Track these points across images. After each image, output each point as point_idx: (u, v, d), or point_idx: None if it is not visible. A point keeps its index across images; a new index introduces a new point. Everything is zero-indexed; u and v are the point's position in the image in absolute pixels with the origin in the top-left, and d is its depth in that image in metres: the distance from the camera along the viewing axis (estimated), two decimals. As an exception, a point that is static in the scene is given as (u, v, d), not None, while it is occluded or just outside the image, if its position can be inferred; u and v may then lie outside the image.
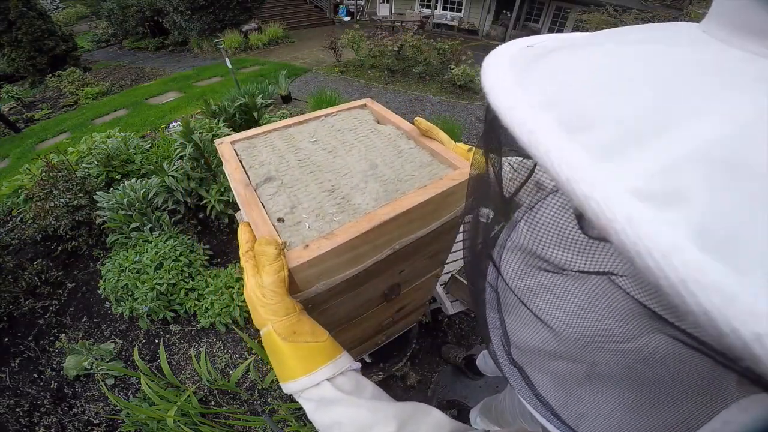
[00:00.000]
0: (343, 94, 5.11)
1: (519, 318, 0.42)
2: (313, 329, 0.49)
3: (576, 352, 0.35)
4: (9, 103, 7.14)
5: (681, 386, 0.29)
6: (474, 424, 1.40)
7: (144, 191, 2.28)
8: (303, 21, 11.52)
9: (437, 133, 0.70)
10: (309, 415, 0.46)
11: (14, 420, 1.75)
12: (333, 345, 0.50)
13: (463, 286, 1.49)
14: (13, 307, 2.20)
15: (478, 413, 1.39)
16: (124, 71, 8.55)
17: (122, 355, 2.01)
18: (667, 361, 0.28)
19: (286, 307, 0.47)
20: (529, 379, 0.38)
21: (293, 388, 0.46)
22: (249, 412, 1.73)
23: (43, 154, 2.76)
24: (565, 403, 0.35)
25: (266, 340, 0.47)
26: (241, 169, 0.67)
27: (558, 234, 0.32)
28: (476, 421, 1.40)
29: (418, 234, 0.66)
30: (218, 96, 5.25)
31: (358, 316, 0.86)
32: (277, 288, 0.46)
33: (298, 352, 0.46)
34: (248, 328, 2.10)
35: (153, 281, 1.99)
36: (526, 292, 0.40)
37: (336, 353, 0.49)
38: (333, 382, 0.46)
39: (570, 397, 0.35)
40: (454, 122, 4.14)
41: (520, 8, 10.71)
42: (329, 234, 0.53)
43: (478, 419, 1.38)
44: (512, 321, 0.43)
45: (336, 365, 0.47)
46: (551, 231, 0.32)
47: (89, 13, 14.16)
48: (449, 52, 6.66)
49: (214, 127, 2.97)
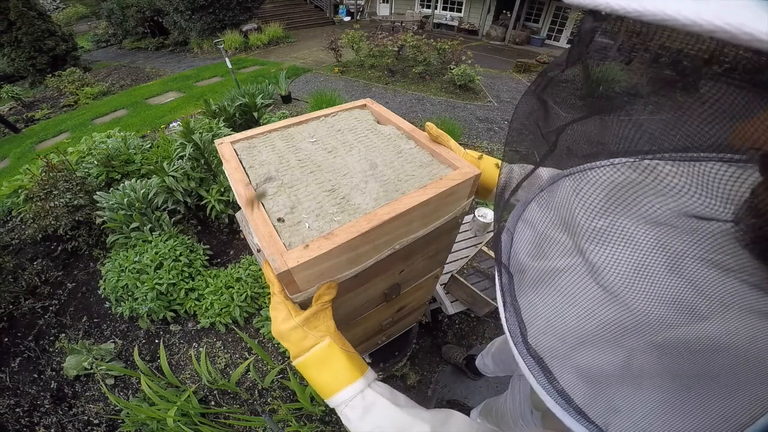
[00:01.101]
0: (343, 94, 5.12)
1: (550, 292, 0.38)
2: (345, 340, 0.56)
3: (617, 335, 0.32)
4: (9, 103, 7.14)
5: (740, 376, 0.27)
6: None
7: (144, 191, 2.28)
8: (303, 21, 11.53)
9: (447, 140, 0.70)
10: (352, 424, 0.49)
11: (14, 420, 1.75)
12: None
13: (463, 286, 1.49)
14: (13, 307, 2.20)
15: (478, 414, 1.39)
16: (124, 71, 8.56)
17: (122, 355, 2.01)
18: (731, 349, 0.27)
19: (331, 321, 0.54)
20: (550, 372, 0.35)
21: (346, 395, 0.50)
22: (249, 412, 1.73)
23: (43, 154, 2.76)
24: (594, 398, 0.32)
25: (322, 354, 0.51)
26: (241, 169, 0.67)
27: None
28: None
29: (418, 234, 0.66)
30: (218, 96, 5.26)
31: (358, 316, 0.86)
32: (324, 309, 0.53)
33: (352, 359, 0.52)
34: (248, 328, 2.10)
35: (153, 281, 1.99)
36: (594, 235, 0.35)
37: (364, 363, 0.55)
38: (373, 389, 0.51)
39: (600, 392, 0.32)
40: (454, 122, 4.14)
41: (520, 8, 10.71)
42: (329, 234, 0.53)
43: (479, 420, 1.38)
44: (539, 298, 0.39)
45: (371, 373, 0.53)
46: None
47: (89, 13, 14.18)
48: (449, 52, 6.66)
49: (214, 127, 2.98)
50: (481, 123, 4.89)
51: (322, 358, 0.51)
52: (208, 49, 9.08)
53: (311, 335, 0.51)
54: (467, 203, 0.72)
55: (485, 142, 4.36)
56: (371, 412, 0.49)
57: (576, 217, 0.36)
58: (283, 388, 1.82)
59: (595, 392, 0.33)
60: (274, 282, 0.52)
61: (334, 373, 0.51)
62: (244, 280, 2.13)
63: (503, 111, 5.39)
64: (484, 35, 11.93)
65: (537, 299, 0.40)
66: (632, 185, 0.33)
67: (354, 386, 0.50)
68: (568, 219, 0.39)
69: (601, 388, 0.32)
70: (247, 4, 9.46)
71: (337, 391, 0.50)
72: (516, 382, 1.01)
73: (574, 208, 0.36)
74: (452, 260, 1.75)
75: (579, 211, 0.35)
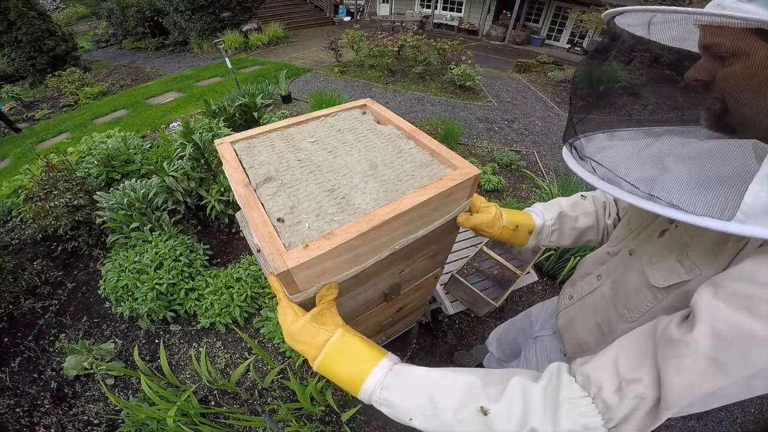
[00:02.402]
0: (343, 94, 5.12)
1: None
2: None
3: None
4: (9, 103, 7.14)
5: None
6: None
7: (144, 191, 2.28)
8: (303, 21, 11.53)
9: (487, 205, 0.77)
10: (395, 404, 0.47)
11: (14, 420, 1.75)
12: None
13: (463, 286, 1.49)
14: (13, 307, 2.20)
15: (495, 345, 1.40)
16: (124, 71, 8.56)
17: (122, 355, 2.01)
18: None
19: (338, 317, 0.55)
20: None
21: (376, 377, 0.48)
22: (249, 412, 1.73)
23: (43, 154, 2.76)
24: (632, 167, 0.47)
25: (339, 344, 0.51)
26: (241, 169, 0.67)
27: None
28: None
29: (418, 234, 0.66)
30: (218, 96, 5.25)
31: (358, 316, 0.86)
32: (329, 306, 0.55)
33: (370, 344, 0.53)
34: (248, 328, 2.10)
35: (153, 281, 1.99)
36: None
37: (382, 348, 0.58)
38: (401, 364, 0.52)
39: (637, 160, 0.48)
40: (454, 122, 4.14)
41: (520, 8, 10.71)
42: (329, 234, 0.53)
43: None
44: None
45: (393, 355, 0.54)
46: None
47: (89, 13, 14.17)
48: (449, 52, 6.65)
49: (214, 127, 2.98)
50: (481, 123, 4.89)
51: (339, 349, 0.50)
52: (208, 49, 9.08)
53: (322, 330, 0.51)
54: (467, 203, 0.72)
55: (485, 141, 4.36)
56: (410, 384, 0.47)
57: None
58: (283, 388, 1.82)
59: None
60: (278, 290, 0.52)
61: (355, 360, 0.50)
62: (244, 280, 2.13)
63: (503, 111, 5.39)
64: (484, 35, 11.93)
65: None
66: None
67: (381, 365, 0.49)
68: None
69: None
70: (247, 4, 9.46)
71: (365, 376, 0.48)
72: (532, 345, 1.04)
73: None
74: (452, 260, 1.75)
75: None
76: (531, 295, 2.36)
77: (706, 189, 0.39)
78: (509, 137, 4.56)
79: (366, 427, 1.70)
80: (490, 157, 3.96)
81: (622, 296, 0.63)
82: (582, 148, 0.55)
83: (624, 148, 0.52)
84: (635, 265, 0.62)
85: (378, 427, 1.70)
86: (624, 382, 0.41)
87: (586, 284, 0.79)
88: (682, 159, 0.45)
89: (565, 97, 6.15)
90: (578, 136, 0.56)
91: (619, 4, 7.22)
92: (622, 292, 0.64)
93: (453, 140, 3.81)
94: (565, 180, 2.89)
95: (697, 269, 0.48)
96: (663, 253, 0.55)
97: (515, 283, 1.53)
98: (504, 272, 1.61)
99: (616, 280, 0.68)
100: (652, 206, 0.41)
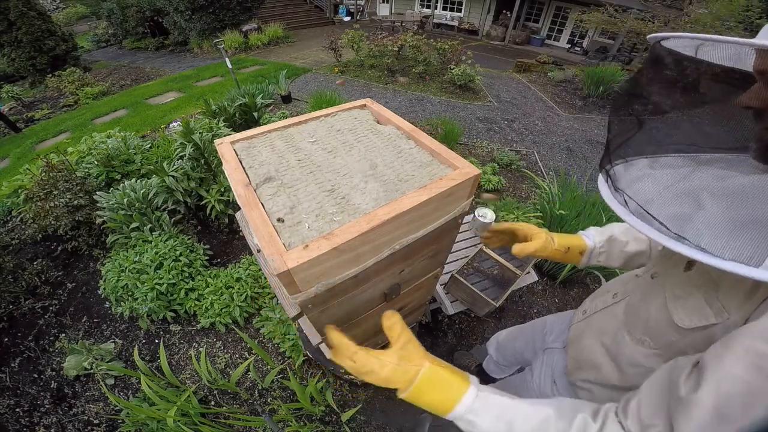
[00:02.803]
0: (343, 94, 5.12)
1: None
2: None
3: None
4: (9, 103, 7.14)
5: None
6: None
7: (144, 191, 2.28)
8: (303, 21, 11.53)
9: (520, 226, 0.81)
10: (482, 427, 0.52)
11: (14, 420, 1.75)
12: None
13: (463, 286, 1.49)
14: (13, 307, 2.20)
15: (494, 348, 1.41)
16: (124, 71, 8.56)
17: (122, 355, 2.01)
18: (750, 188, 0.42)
19: (419, 346, 0.58)
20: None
21: (466, 404, 0.53)
22: (249, 412, 1.73)
23: (43, 154, 2.76)
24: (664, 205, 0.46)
25: (428, 378, 0.54)
26: (241, 169, 0.67)
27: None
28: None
29: (418, 234, 0.66)
30: (218, 96, 5.26)
31: (358, 316, 0.86)
32: (408, 340, 0.58)
33: (454, 372, 0.56)
34: (248, 328, 2.10)
35: (153, 281, 1.99)
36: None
37: (462, 371, 0.60)
38: (483, 390, 0.55)
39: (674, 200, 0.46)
40: (454, 122, 4.14)
41: (520, 8, 10.71)
42: (329, 234, 0.53)
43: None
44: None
45: (473, 377, 0.58)
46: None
47: (89, 13, 14.16)
48: (449, 52, 6.65)
49: (214, 127, 2.98)
50: (481, 123, 4.89)
51: (429, 382, 0.54)
52: (208, 49, 9.08)
53: (410, 367, 0.55)
54: (467, 203, 0.72)
55: (485, 141, 4.36)
56: (495, 411, 0.53)
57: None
58: (283, 388, 1.82)
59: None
60: (347, 344, 0.57)
61: (446, 389, 0.54)
62: (244, 280, 2.13)
63: (503, 111, 5.39)
64: (484, 35, 11.94)
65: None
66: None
67: (469, 394, 0.54)
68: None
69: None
70: (247, 4, 9.46)
71: (455, 403, 0.53)
72: (540, 356, 1.04)
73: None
74: (452, 260, 1.75)
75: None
76: (531, 295, 2.36)
77: (737, 234, 0.39)
78: (509, 137, 4.56)
79: (366, 427, 1.70)
80: (490, 157, 3.96)
81: (641, 323, 0.64)
82: (617, 178, 0.54)
83: (661, 178, 0.50)
84: (657, 293, 0.62)
85: (378, 427, 1.70)
86: (644, 427, 0.46)
87: (600, 301, 0.81)
88: (718, 195, 0.43)
89: (565, 97, 6.15)
90: (614, 162, 0.55)
91: (620, 4, 7.17)
92: (642, 319, 0.64)
93: (453, 140, 3.81)
94: (564, 180, 2.89)
95: (726, 313, 0.49)
96: (689, 290, 0.55)
97: (515, 283, 1.53)
98: (504, 272, 1.61)
99: (632, 303, 0.69)
100: (680, 247, 0.41)
